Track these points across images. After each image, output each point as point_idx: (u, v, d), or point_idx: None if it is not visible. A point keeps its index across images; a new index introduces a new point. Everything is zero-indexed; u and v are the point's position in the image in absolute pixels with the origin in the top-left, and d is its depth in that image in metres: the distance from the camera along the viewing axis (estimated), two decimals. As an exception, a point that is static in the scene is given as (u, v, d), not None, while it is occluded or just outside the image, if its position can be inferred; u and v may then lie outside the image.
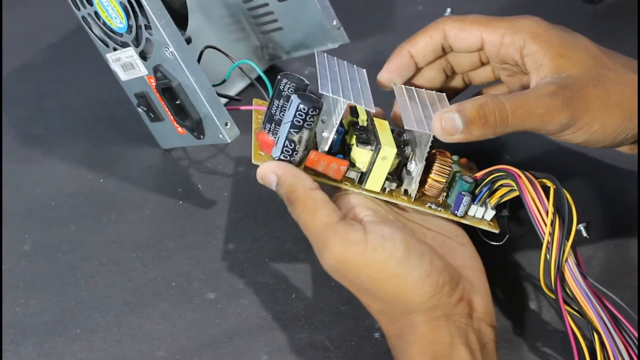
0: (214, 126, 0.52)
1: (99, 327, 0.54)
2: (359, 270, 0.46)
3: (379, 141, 0.50)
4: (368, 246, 0.46)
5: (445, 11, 0.75)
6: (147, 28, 0.52)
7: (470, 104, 0.48)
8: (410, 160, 0.52)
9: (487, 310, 0.49)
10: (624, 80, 0.49)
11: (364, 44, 0.72)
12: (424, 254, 0.47)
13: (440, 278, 0.46)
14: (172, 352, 0.53)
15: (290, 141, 0.49)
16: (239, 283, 0.56)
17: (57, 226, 0.58)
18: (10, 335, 0.53)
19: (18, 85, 0.66)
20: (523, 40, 0.50)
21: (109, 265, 0.57)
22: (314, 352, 0.53)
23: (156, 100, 0.57)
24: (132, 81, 0.57)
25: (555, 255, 0.49)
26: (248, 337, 0.54)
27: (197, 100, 0.52)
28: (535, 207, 0.49)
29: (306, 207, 0.47)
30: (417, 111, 0.51)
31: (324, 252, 0.47)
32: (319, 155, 0.50)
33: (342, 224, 0.47)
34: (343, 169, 0.50)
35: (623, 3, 0.76)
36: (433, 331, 0.47)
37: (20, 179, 0.61)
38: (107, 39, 0.56)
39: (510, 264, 0.58)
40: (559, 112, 0.47)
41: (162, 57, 0.52)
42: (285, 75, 0.50)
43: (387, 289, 0.46)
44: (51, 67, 0.67)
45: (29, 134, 0.63)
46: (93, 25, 0.56)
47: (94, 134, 0.64)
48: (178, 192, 0.61)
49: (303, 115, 0.48)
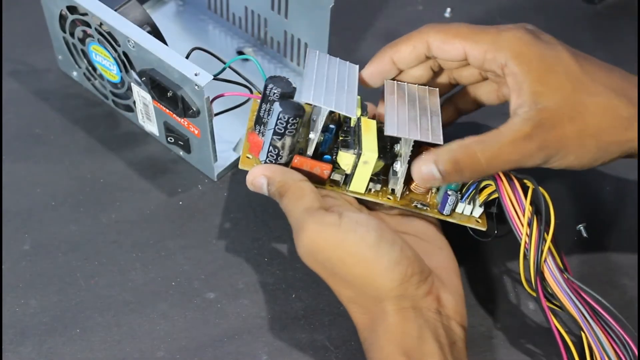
0: (189, 84, 0.53)
1: (99, 327, 0.54)
2: (330, 252, 0.47)
3: (361, 146, 0.50)
4: (341, 228, 0.47)
5: (445, 11, 0.75)
6: (117, 45, 0.56)
7: (446, 156, 0.48)
8: (397, 160, 0.52)
9: (458, 310, 0.49)
10: (603, 108, 0.48)
11: (363, 44, 0.72)
12: (395, 242, 0.47)
13: (409, 268, 0.47)
14: (172, 352, 0.53)
15: (273, 147, 0.50)
16: (239, 283, 0.56)
17: (57, 226, 0.58)
18: (10, 335, 0.53)
19: (18, 85, 0.66)
20: (505, 59, 0.49)
21: (109, 265, 0.57)
22: (314, 352, 0.53)
23: (176, 123, 0.58)
24: (155, 125, 0.60)
25: (534, 256, 0.49)
26: (248, 337, 0.54)
27: (168, 70, 0.54)
28: (513, 208, 0.50)
29: (294, 195, 0.49)
30: (403, 113, 0.51)
31: (299, 235, 0.48)
32: (301, 160, 0.51)
33: (320, 210, 0.48)
34: (326, 172, 0.51)
35: (623, 3, 0.76)
36: (402, 322, 0.47)
37: (20, 179, 0.61)
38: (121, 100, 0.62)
39: (497, 260, 0.58)
40: (534, 155, 0.48)
41: (135, 57, 0.55)
42: (272, 79, 0.51)
43: (356, 272, 0.47)
44: (52, 67, 0.67)
45: (29, 134, 0.63)
46: None
47: (93, 133, 0.64)
48: (178, 192, 0.61)
49: (284, 123, 0.49)
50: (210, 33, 0.71)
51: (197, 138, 0.57)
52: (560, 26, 0.74)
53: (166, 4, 0.73)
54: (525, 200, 0.50)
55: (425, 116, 0.51)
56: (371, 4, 0.76)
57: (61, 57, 0.65)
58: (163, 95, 0.55)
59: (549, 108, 0.48)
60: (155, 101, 0.57)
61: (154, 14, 0.71)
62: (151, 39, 0.55)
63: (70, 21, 0.60)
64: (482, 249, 0.59)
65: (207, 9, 0.71)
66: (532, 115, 0.48)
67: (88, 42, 0.60)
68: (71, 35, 0.61)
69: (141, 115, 0.61)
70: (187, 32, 0.71)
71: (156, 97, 0.56)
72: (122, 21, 0.56)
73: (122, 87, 0.60)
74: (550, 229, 0.50)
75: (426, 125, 0.51)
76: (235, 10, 0.68)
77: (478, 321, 0.55)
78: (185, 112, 0.55)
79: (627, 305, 0.56)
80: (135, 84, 0.58)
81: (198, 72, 0.53)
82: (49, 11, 0.61)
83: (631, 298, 0.57)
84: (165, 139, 0.60)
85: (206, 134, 0.56)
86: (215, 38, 0.70)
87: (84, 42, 0.60)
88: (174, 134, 0.59)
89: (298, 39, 0.64)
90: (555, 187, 0.63)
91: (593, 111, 0.48)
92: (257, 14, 0.66)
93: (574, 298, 0.49)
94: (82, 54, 0.62)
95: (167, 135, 0.60)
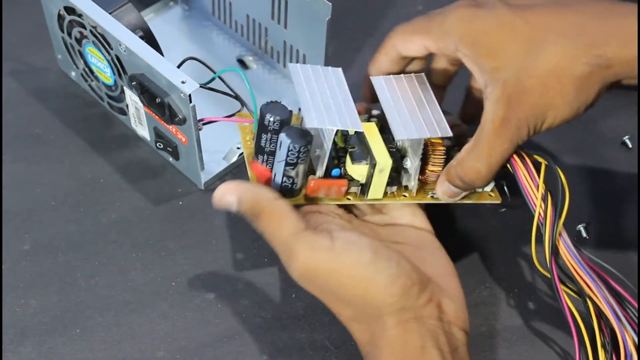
0: (175, 91, 0.53)
1: (99, 327, 0.54)
2: (327, 276, 0.46)
3: (373, 155, 0.50)
4: (335, 251, 0.46)
5: (445, 11, 0.75)
6: (110, 48, 0.56)
7: (454, 173, 0.50)
8: (406, 158, 0.52)
9: (459, 315, 0.48)
10: (560, 56, 0.46)
11: (363, 44, 0.72)
12: (391, 257, 0.46)
13: (408, 280, 0.46)
14: (172, 352, 0.53)
15: (288, 177, 0.49)
16: (239, 283, 0.56)
17: (57, 226, 0.58)
18: (10, 335, 0.53)
19: (18, 85, 0.66)
20: (454, 44, 0.49)
21: (109, 265, 0.57)
22: (314, 352, 0.53)
23: (165, 130, 0.58)
24: (146, 129, 0.60)
25: (549, 230, 0.48)
26: (248, 337, 0.54)
27: (156, 76, 0.54)
28: (527, 183, 0.50)
29: (271, 218, 0.47)
30: (404, 111, 0.51)
31: (292, 261, 0.46)
32: (318, 182, 0.50)
33: (308, 232, 0.46)
34: (344, 189, 0.51)
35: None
36: (404, 334, 0.46)
37: (20, 179, 0.61)
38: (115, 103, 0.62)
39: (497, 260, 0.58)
40: (520, 133, 0.47)
41: (126, 61, 0.55)
42: (267, 107, 0.50)
43: (356, 292, 0.46)
44: (52, 67, 0.67)
45: (29, 134, 0.63)
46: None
47: (93, 134, 0.64)
48: (178, 192, 0.61)
49: (296, 153, 0.48)
50: (213, 40, 0.71)
51: (184, 145, 0.57)
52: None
53: (172, 8, 0.73)
54: (537, 175, 0.49)
55: (423, 108, 0.51)
56: (371, 4, 0.76)
57: (60, 56, 0.65)
58: (152, 101, 0.55)
59: (509, 81, 0.47)
60: (146, 106, 0.57)
61: (159, 17, 0.72)
62: (142, 44, 0.55)
63: (68, 22, 0.60)
64: (482, 249, 0.59)
65: (212, 15, 0.71)
66: (498, 95, 0.47)
67: (84, 44, 0.60)
68: (69, 36, 0.61)
69: (134, 119, 0.61)
70: (190, 37, 0.71)
71: (145, 103, 0.56)
72: (114, 24, 0.56)
73: (116, 90, 0.60)
74: (565, 204, 0.49)
75: (429, 118, 0.51)
76: (238, 17, 0.68)
77: (479, 321, 0.55)
78: (172, 119, 0.55)
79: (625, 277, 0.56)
80: (128, 88, 0.58)
81: (185, 80, 0.53)
82: (48, 11, 0.61)
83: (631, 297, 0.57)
84: (155, 144, 0.60)
85: (192, 141, 0.56)
86: (218, 45, 0.70)
87: (80, 43, 0.60)
88: (163, 140, 0.59)
89: (297, 50, 0.64)
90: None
91: (551, 64, 0.46)
92: (258, 23, 0.66)
93: (592, 274, 0.49)
94: (79, 54, 0.62)
95: (156, 140, 0.59)
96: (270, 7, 0.63)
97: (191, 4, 0.73)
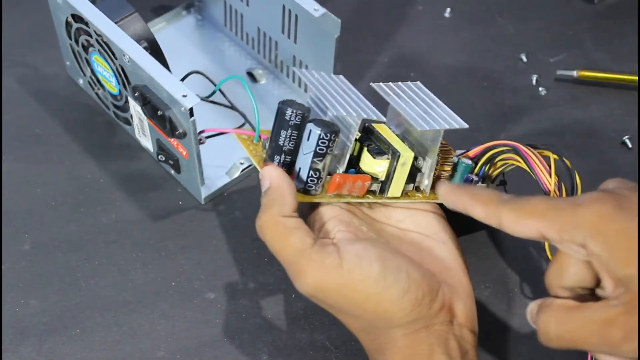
0: (176, 105, 0.53)
1: (99, 327, 0.54)
2: (337, 294, 0.46)
3: (395, 148, 0.50)
4: (344, 269, 0.45)
5: (445, 11, 0.75)
6: (114, 58, 0.56)
7: None
8: (419, 158, 0.52)
9: (469, 316, 0.48)
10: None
11: (363, 44, 0.72)
12: (400, 268, 0.46)
13: (419, 291, 0.46)
14: (172, 351, 0.53)
15: (315, 170, 0.49)
16: (239, 283, 0.56)
17: (57, 226, 0.58)
18: (10, 335, 0.53)
19: (18, 85, 0.66)
20: (583, 239, 0.42)
21: (109, 265, 0.57)
22: (314, 352, 0.53)
23: (167, 142, 0.58)
24: (149, 140, 0.60)
25: None
26: (248, 337, 0.54)
27: (158, 88, 0.53)
28: (544, 175, 0.50)
29: (277, 232, 0.47)
30: (417, 110, 0.51)
31: (300, 279, 0.46)
32: (343, 177, 0.50)
33: (315, 248, 0.46)
34: (367, 184, 0.50)
35: (623, 3, 0.76)
36: (412, 344, 0.46)
37: (20, 179, 0.61)
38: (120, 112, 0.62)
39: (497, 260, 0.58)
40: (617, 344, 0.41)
41: (130, 72, 0.55)
42: (285, 103, 0.49)
43: (366, 308, 0.46)
44: (51, 67, 0.67)
45: (29, 134, 0.63)
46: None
47: (93, 134, 0.64)
48: (178, 192, 0.61)
49: (326, 142, 0.48)
50: (224, 51, 0.70)
51: (185, 159, 0.57)
52: (560, 26, 0.74)
53: (185, 17, 0.72)
54: (549, 168, 0.50)
55: (432, 106, 0.51)
56: (371, 3, 0.76)
57: (69, 63, 0.65)
58: (154, 113, 0.54)
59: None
60: (148, 118, 0.57)
61: (171, 26, 0.71)
62: (145, 55, 0.54)
63: (75, 29, 0.60)
64: (482, 249, 0.59)
65: (224, 27, 0.70)
66: (628, 300, 0.41)
67: (91, 52, 0.60)
68: (76, 43, 0.61)
69: (137, 129, 0.61)
70: (202, 47, 0.70)
71: (148, 115, 0.56)
72: (119, 34, 0.55)
73: (121, 100, 0.60)
74: (578, 192, 0.49)
75: (441, 113, 0.51)
76: (249, 30, 0.68)
77: (479, 321, 0.55)
78: (173, 133, 0.54)
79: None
80: (132, 98, 0.58)
81: (186, 94, 0.52)
82: (57, 18, 0.61)
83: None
84: (157, 156, 0.60)
85: (193, 156, 0.55)
86: (228, 57, 0.70)
87: (87, 51, 0.60)
88: (165, 153, 0.59)
89: (306, 65, 0.64)
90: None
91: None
92: (268, 36, 0.66)
93: None
94: (87, 62, 0.62)
95: (158, 153, 0.59)
96: (281, 21, 0.62)
97: (204, 14, 0.72)
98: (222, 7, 0.69)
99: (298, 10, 0.59)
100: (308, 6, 0.58)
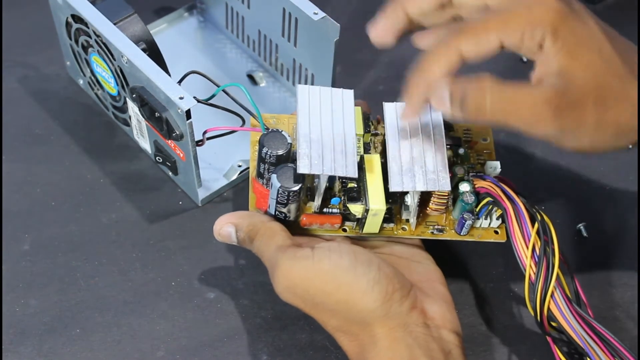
0: (173, 106, 0.53)
1: (99, 327, 0.54)
2: (307, 283, 0.46)
3: (367, 198, 0.49)
4: (314, 259, 0.46)
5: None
6: (113, 59, 0.56)
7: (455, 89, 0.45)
8: (407, 194, 0.51)
9: (446, 317, 0.48)
10: (629, 95, 0.44)
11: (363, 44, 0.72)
12: (371, 262, 0.47)
13: (389, 285, 0.46)
14: (172, 352, 0.53)
15: (280, 212, 0.50)
16: (239, 283, 0.56)
17: (57, 226, 0.58)
18: (10, 335, 0.53)
19: (18, 85, 0.66)
20: (542, 35, 0.44)
21: (109, 265, 0.57)
22: (314, 352, 0.53)
23: (165, 144, 0.58)
24: (147, 142, 0.60)
25: (540, 291, 0.48)
26: (248, 337, 0.54)
27: (155, 90, 0.53)
28: (519, 240, 0.49)
29: (264, 236, 0.49)
30: (406, 155, 0.50)
31: (275, 273, 0.47)
32: (310, 218, 0.51)
33: (292, 246, 0.48)
34: (337, 226, 0.51)
35: (623, 3, 0.76)
36: (392, 344, 0.46)
37: (20, 179, 0.61)
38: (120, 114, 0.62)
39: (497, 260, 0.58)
40: (547, 121, 0.43)
41: (128, 73, 0.55)
42: (266, 139, 0.49)
43: (337, 299, 0.46)
44: (52, 67, 0.67)
45: (29, 134, 0.63)
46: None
47: (94, 134, 0.64)
48: (178, 192, 0.61)
49: (286, 195, 0.49)
50: (226, 53, 0.70)
51: (182, 161, 0.57)
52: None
53: (187, 19, 0.72)
54: (532, 228, 0.48)
55: (429, 150, 0.50)
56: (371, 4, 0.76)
57: (69, 63, 0.65)
58: (152, 114, 0.54)
59: (576, 83, 0.43)
60: (146, 119, 0.57)
61: (173, 28, 0.71)
62: (143, 56, 0.54)
63: (75, 29, 0.60)
64: (482, 249, 0.59)
65: (225, 29, 0.70)
66: (558, 85, 0.43)
67: (90, 52, 0.60)
68: (76, 43, 0.61)
69: (136, 130, 0.61)
70: (203, 49, 0.70)
71: (145, 116, 0.56)
72: (118, 35, 0.55)
73: (120, 101, 0.60)
74: (555, 263, 0.48)
75: (432, 164, 0.49)
76: (250, 32, 0.68)
77: (478, 321, 0.55)
78: (170, 135, 0.54)
79: (627, 304, 0.57)
80: (130, 99, 0.58)
81: (183, 96, 0.52)
82: (57, 18, 0.61)
83: (631, 297, 0.57)
84: (154, 157, 0.60)
85: (190, 158, 0.55)
86: (229, 59, 0.70)
87: (86, 52, 0.60)
88: (162, 154, 0.59)
89: (305, 69, 0.64)
90: (555, 185, 0.63)
91: (619, 97, 0.44)
92: (269, 39, 0.66)
93: (582, 331, 0.48)
94: (86, 62, 0.62)
95: (155, 154, 0.59)
96: (281, 24, 0.62)
97: (206, 16, 0.72)
98: (224, 10, 0.69)
99: (298, 13, 0.59)
100: (308, 10, 0.58)
